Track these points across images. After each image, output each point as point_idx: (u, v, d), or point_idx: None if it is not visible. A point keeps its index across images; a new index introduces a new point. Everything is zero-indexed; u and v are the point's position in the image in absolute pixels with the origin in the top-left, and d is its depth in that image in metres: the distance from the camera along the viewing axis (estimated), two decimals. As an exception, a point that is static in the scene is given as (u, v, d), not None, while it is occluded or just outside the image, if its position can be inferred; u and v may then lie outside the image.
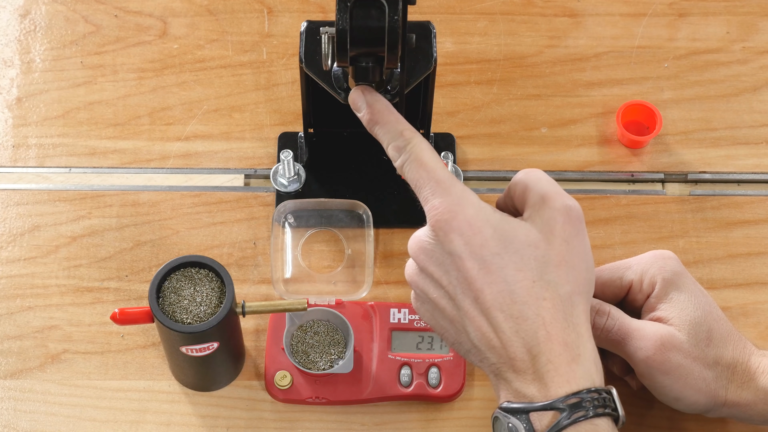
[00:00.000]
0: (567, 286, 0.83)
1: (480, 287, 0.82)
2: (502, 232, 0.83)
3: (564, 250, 0.84)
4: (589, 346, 0.84)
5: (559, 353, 0.81)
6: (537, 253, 0.83)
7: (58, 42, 1.21)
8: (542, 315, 0.82)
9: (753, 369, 0.94)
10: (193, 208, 1.12)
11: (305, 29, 1.00)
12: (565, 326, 0.82)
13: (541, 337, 0.81)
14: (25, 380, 1.04)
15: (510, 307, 0.82)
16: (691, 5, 1.24)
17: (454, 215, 0.83)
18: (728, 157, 1.16)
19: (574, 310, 0.83)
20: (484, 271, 0.82)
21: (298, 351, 1.03)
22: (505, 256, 0.82)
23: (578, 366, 0.82)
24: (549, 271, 0.83)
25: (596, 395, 0.82)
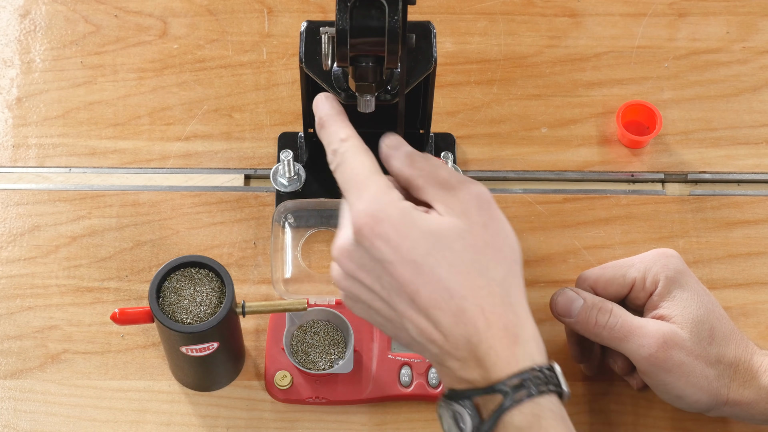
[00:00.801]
0: (499, 269, 0.82)
1: (415, 289, 0.81)
2: (428, 232, 0.81)
3: (485, 235, 0.82)
4: (528, 325, 0.82)
5: (499, 338, 0.80)
6: (464, 244, 0.81)
7: (58, 42, 1.21)
8: (481, 304, 0.81)
9: (755, 368, 0.95)
10: (193, 208, 1.12)
11: (305, 29, 1.00)
12: (504, 310, 0.81)
13: (481, 326, 0.80)
14: (25, 380, 1.04)
15: (448, 303, 0.81)
16: (691, 5, 1.24)
17: (378, 221, 0.81)
18: (728, 157, 1.16)
19: (511, 291, 0.82)
20: (417, 273, 0.81)
21: (298, 351, 1.03)
22: (436, 254, 0.81)
23: (518, 347, 0.80)
24: (478, 259, 0.81)
25: (538, 374, 0.80)
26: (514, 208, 1.13)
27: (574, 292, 0.98)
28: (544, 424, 0.79)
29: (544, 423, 0.79)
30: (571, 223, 1.12)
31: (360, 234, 0.81)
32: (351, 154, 0.85)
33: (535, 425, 0.79)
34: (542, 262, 1.10)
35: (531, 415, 0.79)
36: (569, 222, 1.12)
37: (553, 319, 1.00)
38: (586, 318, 0.97)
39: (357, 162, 0.84)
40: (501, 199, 1.13)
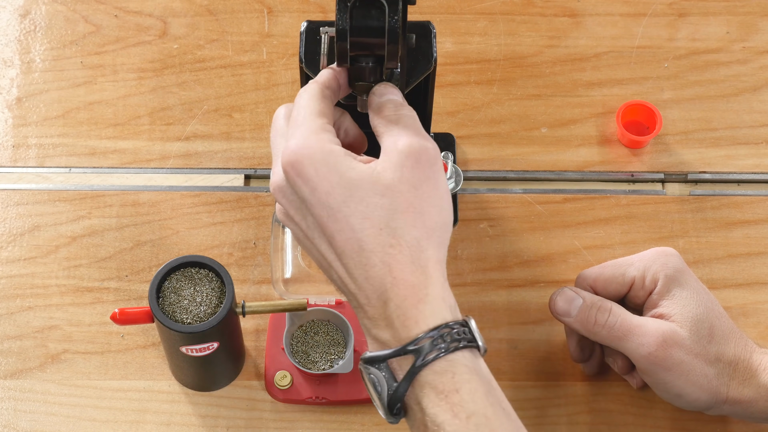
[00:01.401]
0: (414, 232, 0.81)
1: (331, 233, 0.81)
2: (348, 180, 0.82)
3: (412, 196, 0.82)
4: (438, 285, 0.81)
5: (405, 297, 0.80)
6: (383, 201, 0.81)
7: (58, 42, 1.21)
8: (388, 262, 0.80)
9: (755, 366, 0.95)
10: (193, 208, 1.12)
11: (305, 29, 1.00)
12: (412, 270, 0.81)
13: (388, 283, 0.80)
14: (25, 380, 1.04)
15: (358, 255, 0.81)
16: (691, 5, 1.24)
17: (300, 160, 0.82)
18: (728, 157, 1.16)
19: (422, 254, 0.81)
20: (332, 219, 0.81)
21: (298, 351, 1.03)
22: (351, 204, 0.81)
23: (426, 306, 0.80)
24: (395, 218, 0.81)
25: (449, 330, 0.80)
26: (514, 208, 1.13)
27: (574, 292, 0.98)
28: (458, 379, 0.78)
29: (458, 378, 0.78)
30: (571, 223, 1.12)
31: (286, 172, 0.82)
32: (305, 94, 0.86)
33: (449, 382, 0.78)
34: (542, 262, 1.10)
35: (444, 372, 0.78)
36: (569, 222, 1.12)
37: (553, 319, 1.00)
38: (586, 317, 0.97)
39: (303, 102, 0.85)
40: (501, 199, 1.13)
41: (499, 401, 0.80)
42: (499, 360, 1.05)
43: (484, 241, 1.11)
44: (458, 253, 1.10)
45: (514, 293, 1.09)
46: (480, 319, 1.07)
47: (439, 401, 0.78)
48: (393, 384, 0.80)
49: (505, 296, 1.08)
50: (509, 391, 1.03)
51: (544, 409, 1.03)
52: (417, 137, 0.84)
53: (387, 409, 0.80)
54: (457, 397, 0.78)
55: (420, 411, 0.79)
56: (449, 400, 0.78)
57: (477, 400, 0.78)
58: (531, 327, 1.07)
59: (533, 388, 1.04)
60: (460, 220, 1.12)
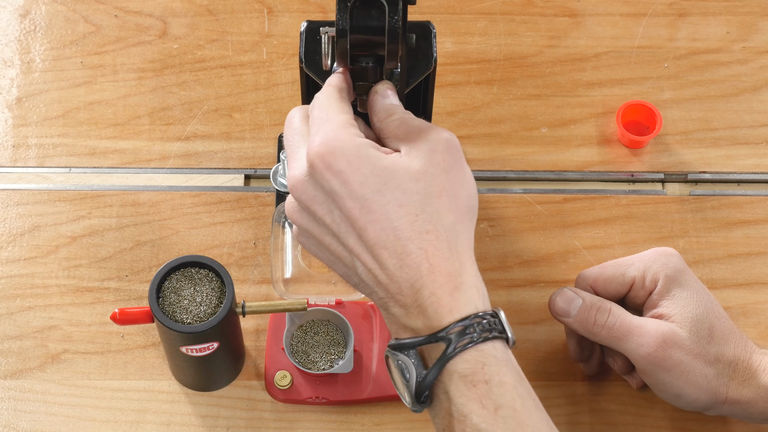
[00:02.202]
0: (449, 216, 0.81)
1: (363, 225, 0.80)
2: (382, 167, 0.81)
3: (444, 180, 0.82)
4: (472, 273, 0.82)
5: (441, 284, 0.80)
6: (418, 186, 0.81)
7: (58, 42, 1.21)
8: (425, 248, 0.80)
9: (754, 367, 0.95)
10: (193, 208, 1.12)
11: (305, 29, 1.00)
12: (449, 256, 0.81)
13: (425, 270, 0.80)
14: (25, 380, 1.04)
15: (394, 243, 0.80)
16: (691, 5, 1.24)
17: (331, 153, 0.81)
18: (728, 157, 1.16)
19: (458, 240, 0.81)
20: (366, 210, 0.80)
21: (298, 351, 1.03)
22: (386, 192, 0.81)
23: (461, 294, 0.80)
24: (431, 202, 0.81)
25: (480, 320, 0.79)
26: (514, 208, 1.13)
27: (573, 292, 0.98)
28: (488, 370, 0.78)
29: (488, 369, 0.78)
30: (571, 223, 1.12)
31: (313, 166, 0.81)
32: (323, 95, 0.86)
33: (479, 372, 0.78)
34: (542, 262, 1.10)
35: (474, 362, 0.78)
36: (569, 222, 1.12)
37: (553, 319, 1.00)
38: (585, 317, 0.97)
39: (324, 101, 0.85)
40: (501, 199, 1.13)
41: (529, 393, 0.80)
42: (499, 360, 1.05)
43: (484, 241, 1.11)
44: (458, 253, 1.10)
45: (514, 293, 1.09)
46: (480, 319, 1.07)
47: (467, 391, 0.78)
48: (422, 371, 0.80)
49: (505, 296, 1.08)
50: (509, 391, 1.03)
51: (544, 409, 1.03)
52: (438, 129, 0.84)
53: (414, 396, 0.80)
54: (486, 388, 0.78)
55: (447, 400, 0.79)
56: (478, 391, 0.78)
57: (506, 392, 0.78)
58: (531, 327, 1.07)
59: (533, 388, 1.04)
60: (460, 220, 1.12)
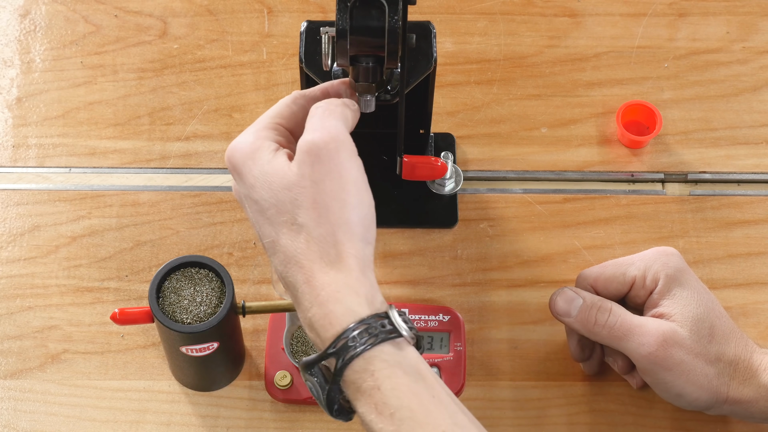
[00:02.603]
0: (321, 228, 0.81)
1: (261, 225, 0.83)
2: (265, 174, 0.83)
3: (314, 192, 0.81)
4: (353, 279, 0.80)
5: (316, 295, 0.80)
6: (290, 196, 0.82)
7: (58, 42, 1.21)
8: (298, 259, 0.81)
9: (755, 366, 0.95)
10: (193, 208, 1.12)
11: (305, 29, 1.00)
12: (322, 266, 0.80)
13: (300, 280, 0.81)
14: (25, 380, 1.04)
15: (277, 250, 0.82)
16: (691, 5, 1.24)
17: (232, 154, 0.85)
18: (728, 157, 1.16)
19: (332, 250, 0.81)
20: (259, 213, 0.83)
21: (298, 351, 1.03)
22: (267, 200, 0.82)
23: (337, 305, 0.79)
24: (301, 213, 0.81)
25: (363, 327, 0.78)
26: (514, 208, 1.13)
27: (574, 292, 0.98)
28: (378, 375, 0.78)
29: (378, 375, 0.78)
30: (571, 223, 1.12)
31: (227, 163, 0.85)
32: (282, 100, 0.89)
33: (369, 379, 0.78)
34: (542, 262, 1.10)
35: (363, 371, 0.78)
36: (569, 222, 1.12)
37: (554, 319, 1.00)
38: (586, 317, 0.97)
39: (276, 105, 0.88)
40: (501, 199, 1.13)
41: (429, 389, 0.78)
42: (499, 360, 1.05)
43: (484, 241, 1.11)
44: (458, 253, 1.10)
45: (514, 293, 1.08)
46: (480, 319, 1.07)
47: (364, 400, 0.78)
48: (326, 386, 0.80)
49: (505, 296, 1.08)
50: (509, 391, 1.03)
51: (544, 409, 1.03)
52: (318, 131, 0.83)
53: (327, 410, 0.81)
54: (379, 395, 0.78)
55: (353, 410, 0.80)
56: (372, 399, 0.78)
57: (400, 395, 0.77)
58: (531, 327, 1.07)
59: (533, 388, 1.04)
60: (460, 220, 1.12)
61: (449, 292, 1.08)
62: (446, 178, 1.12)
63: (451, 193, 1.12)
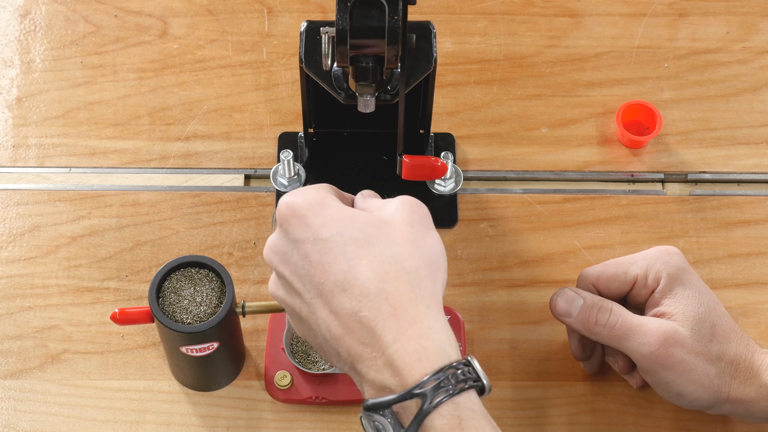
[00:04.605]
0: (411, 261, 0.79)
1: (321, 271, 0.79)
2: (344, 212, 0.81)
3: (408, 231, 0.81)
4: (441, 320, 0.79)
5: (405, 329, 0.77)
6: (379, 232, 0.80)
7: (58, 42, 1.21)
8: (385, 289, 0.77)
9: (756, 366, 0.95)
10: (193, 208, 1.12)
11: (305, 29, 1.00)
12: (412, 298, 0.78)
13: (385, 312, 0.77)
14: (25, 380, 1.04)
15: (352, 285, 0.78)
16: (691, 5, 1.24)
17: (294, 201, 0.81)
18: (728, 157, 1.16)
19: (422, 283, 0.79)
20: (324, 252, 0.79)
21: (298, 351, 1.03)
22: (345, 234, 0.79)
23: (428, 341, 0.76)
24: (392, 247, 0.79)
25: (454, 371, 0.77)
26: (514, 208, 1.13)
27: (574, 292, 0.98)
28: (465, 425, 0.76)
29: (465, 424, 0.76)
30: (571, 223, 1.12)
31: (280, 215, 0.82)
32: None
33: (457, 427, 0.76)
34: (542, 262, 1.10)
35: (451, 417, 0.76)
36: (569, 222, 1.12)
37: (554, 319, 1.00)
38: (587, 317, 0.97)
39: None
40: (501, 199, 1.13)
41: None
42: (499, 360, 1.05)
43: (484, 241, 1.11)
44: (458, 253, 1.10)
45: (514, 293, 1.09)
46: (480, 319, 1.07)
47: None
48: (399, 429, 0.77)
49: (505, 296, 1.08)
50: (509, 391, 1.03)
51: (545, 409, 1.03)
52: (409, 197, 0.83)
53: None
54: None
55: None
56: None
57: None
58: (531, 327, 1.07)
59: (533, 388, 1.04)
60: (460, 220, 1.12)
61: (449, 292, 1.08)
62: (446, 178, 1.12)
63: (451, 193, 1.12)
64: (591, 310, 0.97)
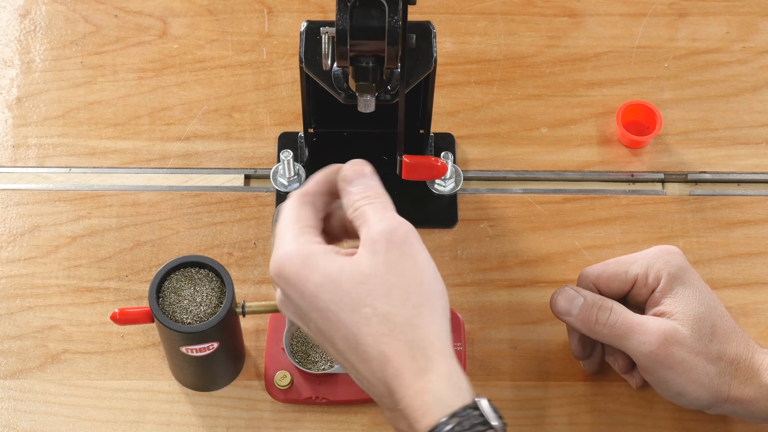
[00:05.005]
0: (403, 312, 0.80)
1: (330, 336, 0.81)
2: (329, 276, 0.81)
3: (391, 277, 0.80)
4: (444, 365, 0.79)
5: (408, 386, 0.79)
6: (366, 289, 0.80)
7: (58, 42, 1.21)
8: (384, 351, 0.79)
9: (756, 365, 0.95)
10: (193, 208, 1.12)
11: (305, 29, 1.00)
12: (411, 355, 0.79)
13: (390, 374, 0.79)
14: (25, 380, 1.04)
15: (356, 350, 0.80)
16: (691, 5, 1.24)
17: (282, 267, 0.82)
18: (728, 157, 1.16)
19: (418, 334, 0.79)
20: (326, 321, 0.81)
21: (298, 351, 1.03)
22: (338, 302, 0.80)
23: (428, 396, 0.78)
24: (381, 303, 0.80)
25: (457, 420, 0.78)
26: (514, 208, 1.13)
27: (575, 291, 0.98)
28: None
29: None
30: (571, 223, 1.12)
31: (275, 283, 0.83)
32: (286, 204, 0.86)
33: None
34: (542, 262, 1.10)
35: None
36: (569, 222, 1.12)
37: (554, 318, 1.00)
38: (587, 316, 0.97)
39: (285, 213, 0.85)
40: (501, 199, 1.13)
41: None
42: (499, 360, 1.05)
43: (484, 241, 1.11)
44: (458, 253, 1.10)
45: (514, 293, 1.09)
46: (480, 319, 1.07)
47: None
48: None
49: (505, 296, 1.08)
50: (509, 391, 1.03)
51: (544, 409, 1.03)
52: (385, 221, 0.82)
53: None
54: None
55: None
56: None
57: None
58: (531, 327, 1.07)
59: (533, 388, 1.04)
60: (460, 220, 1.12)
61: (449, 292, 1.07)
62: (446, 178, 1.12)
63: (451, 193, 1.12)
64: (591, 309, 0.97)
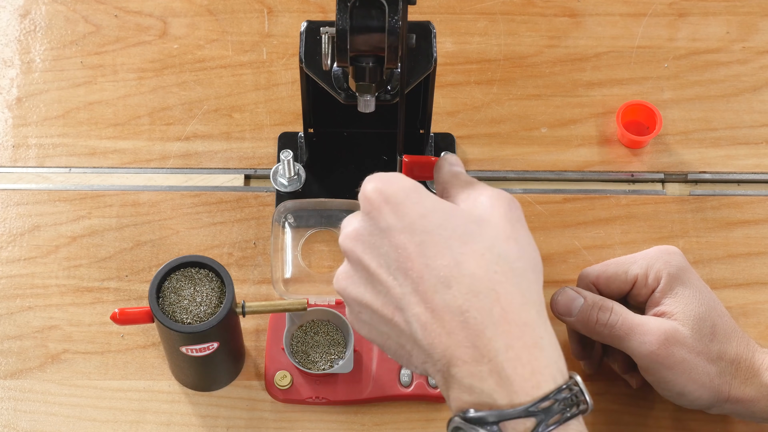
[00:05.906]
0: (520, 262, 0.73)
1: (423, 264, 0.71)
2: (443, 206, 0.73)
3: (510, 229, 0.74)
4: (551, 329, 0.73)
5: (518, 336, 0.70)
6: (482, 230, 0.73)
7: (58, 42, 1.21)
8: (496, 289, 0.71)
9: (757, 365, 0.95)
10: (193, 208, 1.12)
11: (305, 29, 1.00)
12: (523, 303, 0.71)
13: (497, 315, 0.70)
14: (25, 380, 1.04)
15: (458, 281, 0.70)
16: (691, 5, 1.24)
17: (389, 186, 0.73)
18: (728, 157, 1.16)
19: (531, 287, 0.73)
20: (426, 245, 0.71)
21: (298, 351, 1.03)
22: (448, 227, 0.72)
23: (541, 353, 0.71)
24: (498, 244, 0.72)
25: (567, 393, 0.72)
26: (514, 208, 1.13)
27: (575, 291, 0.98)
28: None
29: None
30: (571, 223, 1.12)
31: (370, 201, 0.74)
32: None
33: None
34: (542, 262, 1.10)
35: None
36: (569, 222, 1.12)
37: (553, 319, 1.00)
38: (587, 316, 0.97)
39: None
40: (501, 199, 1.13)
41: None
42: (499, 360, 1.05)
43: (484, 241, 1.11)
44: (458, 253, 1.10)
45: (514, 293, 1.08)
46: (480, 319, 1.07)
47: None
48: None
49: (505, 296, 1.08)
50: (509, 391, 1.03)
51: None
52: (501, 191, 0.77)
53: None
54: None
55: None
56: None
57: None
58: (531, 327, 1.07)
59: (533, 388, 1.04)
60: (460, 220, 1.12)
61: (449, 292, 1.08)
62: None
63: (451, 193, 1.12)
64: (591, 310, 0.97)
